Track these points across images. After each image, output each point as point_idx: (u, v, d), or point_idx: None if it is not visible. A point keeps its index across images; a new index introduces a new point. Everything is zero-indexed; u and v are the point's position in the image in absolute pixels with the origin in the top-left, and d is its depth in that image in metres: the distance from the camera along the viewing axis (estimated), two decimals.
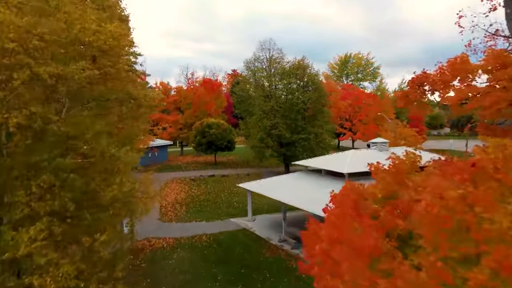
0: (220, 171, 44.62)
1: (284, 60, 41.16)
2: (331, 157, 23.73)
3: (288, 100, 38.52)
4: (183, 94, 56.55)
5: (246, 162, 51.20)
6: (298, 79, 39.29)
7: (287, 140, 38.52)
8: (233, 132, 48.69)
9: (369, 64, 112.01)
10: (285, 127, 37.83)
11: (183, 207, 28.85)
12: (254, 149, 38.92)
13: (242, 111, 44.42)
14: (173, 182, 37.91)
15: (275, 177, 25.14)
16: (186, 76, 79.78)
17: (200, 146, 47.60)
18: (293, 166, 42.54)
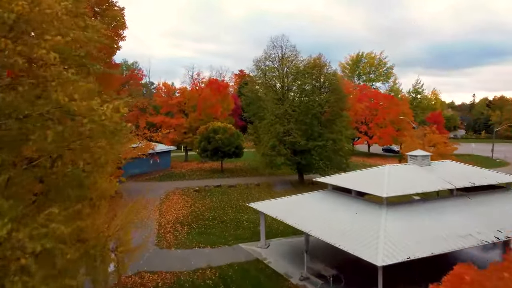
0: (227, 180, 40.70)
1: (298, 58, 37.19)
2: (362, 174, 19.70)
3: (303, 103, 34.50)
4: (187, 95, 52.77)
5: (255, 169, 47.26)
6: (314, 80, 35.28)
7: (302, 148, 34.52)
8: (241, 137, 44.78)
9: (382, 64, 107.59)
10: (299, 133, 33.83)
11: (184, 227, 24.96)
12: (265, 157, 34.96)
13: (251, 115, 40.47)
14: (175, 194, 34.09)
15: (293, 197, 21.11)
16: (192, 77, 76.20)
17: (205, 152, 43.76)
18: (307, 174, 38.68)
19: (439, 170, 19.03)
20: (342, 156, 35.08)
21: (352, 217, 16.36)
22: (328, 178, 20.74)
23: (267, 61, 38.43)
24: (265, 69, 38.63)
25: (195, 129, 51.22)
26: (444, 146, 34.76)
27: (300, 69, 35.66)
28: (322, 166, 35.71)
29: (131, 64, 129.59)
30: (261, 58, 38.70)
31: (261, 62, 38.76)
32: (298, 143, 33.79)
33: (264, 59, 38.56)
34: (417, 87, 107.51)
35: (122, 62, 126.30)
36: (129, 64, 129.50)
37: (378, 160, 59.87)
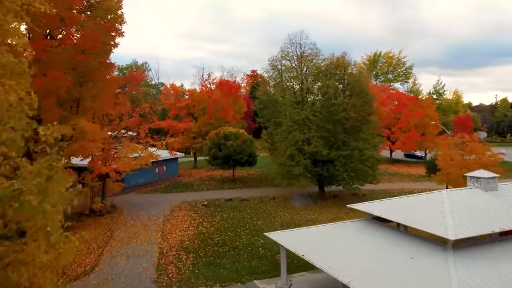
0: (239, 192, 36.87)
1: (319, 57, 33.15)
2: (412, 202, 15.62)
3: (325, 107, 30.44)
4: (196, 97, 49.14)
5: (270, 178, 43.35)
6: (337, 81, 31.22)
7: (324, 158, 30.48)
8: (254, 144, 40.95)
9: (400, 64, 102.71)
10: (321, 142, 29.79)
11: (190, 256, 21.15)
12: (282, 168, 31.00)
13: (266, 120, 36.55)
14: (181, 209, 30.38)
15: (322, 226, 17.06)
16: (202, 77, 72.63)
17: (216, 160, 40.06)
18: (329, 186, 34.62)
19: (510, 196, 14.90)
20: (371, 168, 30.92)
21: (406, 263, 12.35)
22: (367, 206, 16.69)
23: (284, 60, 34.54)
24: (281, 69, 34.70)
25: (204, 134, 47.63)
26: (486, 156, 30.31)
27: (321, 69, 31.63)
28: (346, 178, 31.66)
29: (141, 65, 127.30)
30: (278, 56, 34.85)
31: (278, 61, 34.90)
32: (319, 153, 29.77)
33: (280, 58, 34.68)
34: (438, 88, 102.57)
35: (132, 63, 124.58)
36: (139, 65, 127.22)
37: (402, 167, 55.45)
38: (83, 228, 25.53)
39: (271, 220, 27.79)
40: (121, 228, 25.84)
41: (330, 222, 27.97)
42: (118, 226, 26.20)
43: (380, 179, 36.98)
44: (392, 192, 37.98)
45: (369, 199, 34.96)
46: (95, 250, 21.83)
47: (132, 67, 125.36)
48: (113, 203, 30.22)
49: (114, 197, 31.14)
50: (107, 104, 25.25)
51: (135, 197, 34.03)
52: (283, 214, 29.45)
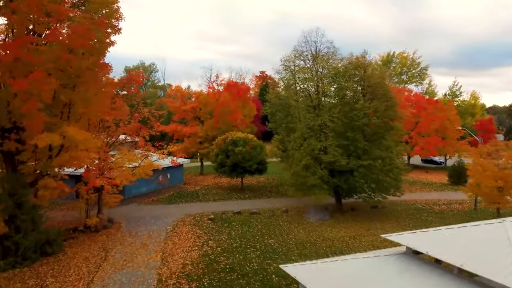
0: (248, 203, 34.06)
1: (337, 56, 30.19)
2: (464, 234, 12.63)
3: (344, 112, 27.50)
4: (202, 100, 46.46)
5: (281, 187, 40.47)
6: (357, 83, 28.23)
7: (343, 168, 27.53)
8: (264, 150, 38.15)
9: (414, 64, 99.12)
10: (340, 151, 26.85)
11: (192, 285, 18.34)
12: (296, 178, 28.08)
13: (277, 126, 33.67)
14: (185, 224, 27.65)
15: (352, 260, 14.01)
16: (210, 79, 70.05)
17: (223, 167, 37.35)
18: (346, 198, 31.63)
19: None
20: (394, 179, 27.88)
21: None
22: (407, 238, 13.67)
23: (297, 60, 31.64)
24: (295, 70, 31.82)
25: (211, 139, 44.96)
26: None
27: (339, 70, 28.65)
28: (367, 190, 28.69)
29: (148, 66, 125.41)
30: (290, 56, 31.96)
31: (290, 61, 32.01)
32: (337, 163, 26.81)
33: (294, 58, 31.79)
34: (455, 89, 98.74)
35: (139, 64, 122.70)
36: (146, 66, 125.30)
37: (420, 174, 52.17)
38: (76, 247, 22.97)
39: (284, 238, 24.90)
40: (117, 247, 23.16)
41: (350, 240, 25.15)
42: (114, 245, 23.53)
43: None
44: (415, 204, 34.89)
45: (391, 212, 31.96)
46: (85, 276, 19.14)
47: (139, 68, 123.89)
48: (110, 217, 27.58)
49: (113, 209, 28.50)
50: (102, 109, 22.65)
51: (135, 209, 31.38)
52: (297, 231, 26.54)
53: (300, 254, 22.12)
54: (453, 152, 54.95)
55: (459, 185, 44.13)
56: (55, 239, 21.70)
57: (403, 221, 29.33)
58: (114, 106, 24.66)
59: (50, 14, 17.15)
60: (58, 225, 26.38)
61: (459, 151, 53.94)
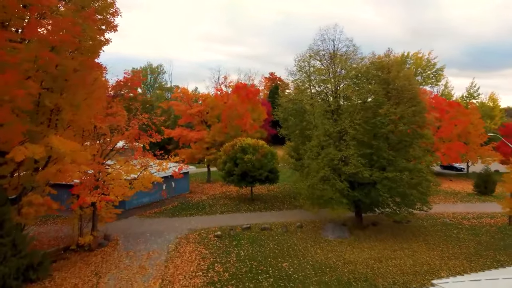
0: (258, 216, 31.25)
1: (357, 56, 27.25)
2: None
3: (367, 119, 24.57)
4: (210, 103, 43.79)
5: (294, 196, 37.60)
6: (380, 85, 25.22)
7: (365, 180, 24.58)
8: (275, 157, 35.31)
9: (430, 65, 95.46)
10: (363, 161, 23.92)
11: None
12: (312, 191, 25.17)
13: (290, 132, 30.80)
14: (189, 242, 24.92)
15: None
16: (218, 80, 67.49)
17: (231, 176, 34.59)
18: (366, 212, 28.60)
19: None
20: (423, 193, 24.83)
21: None
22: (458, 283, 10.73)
23: (313, 59, 28.79)
24: (310, 71, 28.97)
25: (219, 144, 42.32)
26: None
27: (360, 71, 25.70)
28: (392, 205, 25.71)
29: (156, 67, 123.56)
30: (305, 55, 29.12)
31: (305, 61, 29.18)
32: (359, 174, 23.87)
33: (309, 58, 28.94)
34: (472, 91, 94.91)
35: (147, 65, 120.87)
36: (154, 68, 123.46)
37: (443, 182, 48.69)
38: (65, 270, 20.34)
39: (300, 261, 22.01)
40: (112, 270, 20.49)
41: (375, 263, 22.15)
42: (109, 268, 20.86)
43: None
44: (442, 218, 31.73)
45: (416, 228, 28.83)
46: None
47: (147, 70, 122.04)
48: (107, 234, 24.98)
49: (110, 223, 25.91)
50: (95, 115, 20.07)
51: (136, 222, 28.75)
52: (314, 251, 23.64)
53: (319, 282, 19.22)
54: (476, 158, 51.56)
55: (487, 195, 40.87)
56: (40, 263, 19.09)
57: (432, 239, 26.23)
58: (110, 112, 22.10)
59: (28, 5, 14.57)
60: (49, 243, 23.92)
61: (483, 157, 50.54)
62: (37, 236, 24.76)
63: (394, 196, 25.56)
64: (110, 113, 22.01)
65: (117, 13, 19.53)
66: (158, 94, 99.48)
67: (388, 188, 24.58)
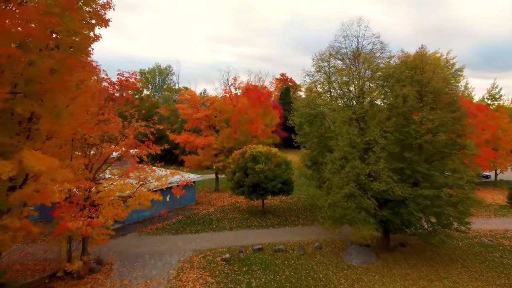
0: (271, 233, 28.03)
1: (385, 54, 23.85)
2: None
3: (399, 127, 21.18)
4: (218, 106, 40.72)
5: (310, 209, 34.34)
6: (415, 87, 21.80)
7: (396, 197, 21.19)
8: (290, 167, 32.05)
9: (448, 66, 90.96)
10: (395, 177, 20.53)
11: None
12: (334, 209, 21.85)
13: (307, 140, 27.52)
14: (193, 267, 21.81)
15: None
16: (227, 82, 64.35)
17: (241, 187, 31.44)
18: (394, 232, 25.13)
19: None
20: (463, 213, 21.36)
21: None
22: None
23: (333, 58, 25.51)
24: (329, 72, 25.69)
25: (228, 151, 39.29)
26: None
27: (390, 72, 22.30)
28: (427, 226, 22.30)
29: (164, 68, 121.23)
30: (325, 54, 25.87)
31: (325, 60, 25.92)
32: (390, 192, 20.49)
33: (329, 56, 25.68)
34: (494, 92, 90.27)
35: (155, 66, 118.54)
36: (162, 69, 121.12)
37: None
38: None
39: None
40: None
41: None
42: None
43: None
44: (479, 237, 28.17)
45: (452, 250, 25.26)
46: None
47: (155, 71, 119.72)
48: (100, 257, 21.98)
49: (105, 243, 22.95)
50: (82, 124, 17.09)
51: (134, 242, 25.74)
52: (337, 280, 20.34)
53: None
54: (506, 166, 47.61)
55: None
56: None
57: (472, 265, 22.72)
58: (102, 119, 19.11)
59: None
60: (34, 268, 20.97)
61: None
62: (22, 259, 21.98)
63: (430, 215, 22.17)
64: (102, 121, 19.02)
65: (109, 5, 16.56)
66: (166, 96, 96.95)
67: (422, 206, 21.15)
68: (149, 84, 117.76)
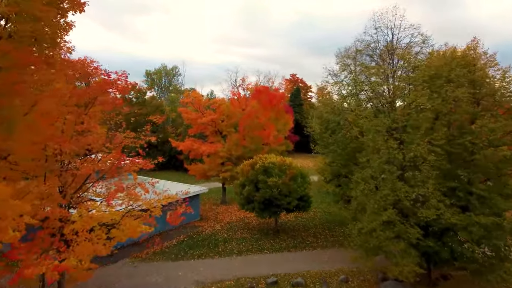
0: (286, 259, 23.99)
1: (426, 49, 19.70)
2: None
3: (451, 138, 17.06)
4: (225, 110, 36.82)
5: (329, 227, 30.28)
6: (469, 88, 17.64)
7: (445, 225, 17.03)
8: (307, 180, 28.00)
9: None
10: (448, 201, 16.40)
11: None
12: (367, 238, 17.75)
13: (330, 151, 23.43)
14: None
15: None
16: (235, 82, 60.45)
17: (251, 203, 27.49)
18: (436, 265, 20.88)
19: None
20: None
21: None
22: None
23: (361, 54, 21.49)
24: (356, 70, 21.67)
25: (236, 159, 35.40)
26: None
27: (438, 71, 18.10)
28: (480, 261, 18.10)
29: (171, 69, 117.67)
30: (351, 50, 21.89)
31: (350, 56, 21.93)
32: (442, 220, 16.34)
33: (355, 53, 21.67)
34: None
35: (161, 67, 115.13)
36: (169, 70, 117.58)
37: None
38: None
39: None
40: None
41: None
42: None
43: None
44: None
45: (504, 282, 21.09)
46: None
47: (161, 72, 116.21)
48: None
49: None
50: (50, 138, 13.28)
51: (125, 271, 21.86)
52: None
53: None
54: None
55: None
56: None
57: None
58: (80, 129, 15.28)
59: None
60: None
61: None
62: None
63: (481, 245, 18.00)
64: (80, 132, 15.20)
65: None
66: (172, 98, 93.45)
67: (477, 236, 16.97)
68: (155, 85, 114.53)
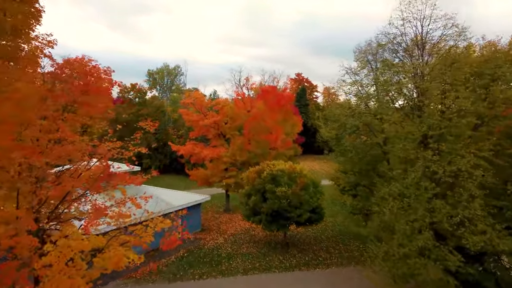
0: (297, 278, 21.34)
1: (461, 43, 17.01)
2: None
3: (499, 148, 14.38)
4: (229, 112, 34.20)
5: (343, 241, 27.64)
6: None
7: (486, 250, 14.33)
8: (320, 190, 25.33)
9: None
10: (499, 226, 13.71)
11: None
12: (397, 263, 15.09)
13: (347, 161, 20.76)
14: None
15: None
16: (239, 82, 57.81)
17: (257, 215, 24.90)
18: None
19: None
20: None
21: None
22: None
23: (383, 51, 18.86)
24: (379, 69, 19.02)
25: (241, 164, 32.84)
26: None
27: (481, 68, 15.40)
28: None
29: (173, 69, 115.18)
30: (371, 45, 19.28)
31: (371, 52, 19.33)
32: (491, 246, 13.65)
33: (377, 48, 19.04)
34: None
35: (163, 66, 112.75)
36: (171, 69, 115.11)
37: None
38: None
39: None
40: None
41: None
42: None
43: None
44: None
45: None
46: None
47: (163, 71, 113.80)
48: None
49: None
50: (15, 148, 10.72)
51: None
52: None
53: None
54: None
55: None
56: None
57: None
58: (54, 137, 12.70)
59: None
60: None
61: None
62: None
63: None
64: (56, 141, 12.64)
65: None
66: (175, 97, 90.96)
67: None
68: (157, 85, 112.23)
